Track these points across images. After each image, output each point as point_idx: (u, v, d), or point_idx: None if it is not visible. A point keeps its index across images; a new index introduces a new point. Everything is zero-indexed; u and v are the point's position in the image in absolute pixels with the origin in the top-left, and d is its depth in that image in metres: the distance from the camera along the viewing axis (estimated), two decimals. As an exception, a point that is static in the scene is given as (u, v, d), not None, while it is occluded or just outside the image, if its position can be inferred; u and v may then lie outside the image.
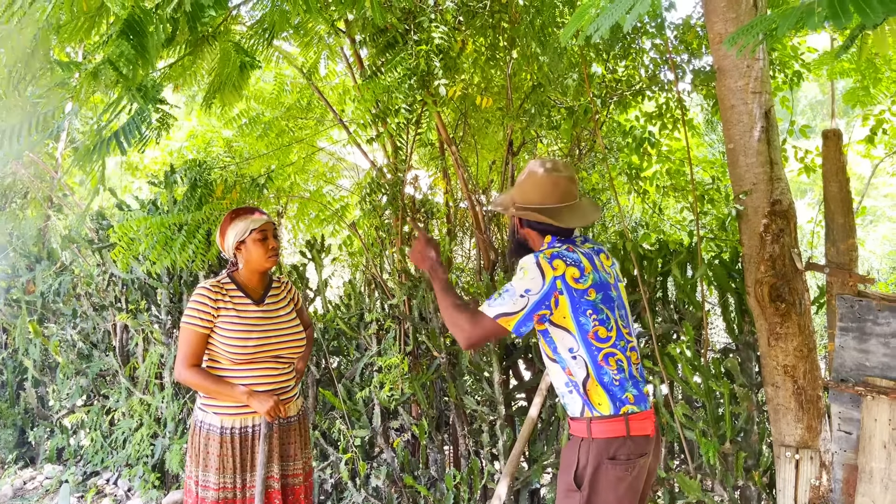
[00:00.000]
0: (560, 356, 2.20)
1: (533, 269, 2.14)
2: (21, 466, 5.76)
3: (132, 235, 3.76)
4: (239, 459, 2.69)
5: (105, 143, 2.55)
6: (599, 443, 2.13)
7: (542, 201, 2.30)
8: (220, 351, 2.71)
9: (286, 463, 2.83)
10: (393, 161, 4.14)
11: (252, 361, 2.71)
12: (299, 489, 2.86)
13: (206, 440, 2.70)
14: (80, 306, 5.68)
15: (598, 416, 2.14)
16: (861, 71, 5.19)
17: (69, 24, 2.55)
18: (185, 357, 2.69)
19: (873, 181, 8.60)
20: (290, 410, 2.85)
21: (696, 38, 4.36)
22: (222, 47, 3.21)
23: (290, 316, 2.89)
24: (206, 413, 2.73)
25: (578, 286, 2.15)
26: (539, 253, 2.20)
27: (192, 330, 2.69)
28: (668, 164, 5.01)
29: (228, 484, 2.68)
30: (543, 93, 4.06)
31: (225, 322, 2.71)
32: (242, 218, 2.79)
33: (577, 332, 2.15)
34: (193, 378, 2.67)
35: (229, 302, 2.75)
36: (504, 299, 2.14)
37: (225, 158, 5.78)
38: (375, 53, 3.82)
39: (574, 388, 2.19)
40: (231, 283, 2.81)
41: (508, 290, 2.15)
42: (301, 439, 2.91)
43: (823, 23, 1.46)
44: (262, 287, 2.89)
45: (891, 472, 2.60)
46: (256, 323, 2.75)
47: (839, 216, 2.83)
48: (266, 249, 2.78)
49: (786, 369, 2.84)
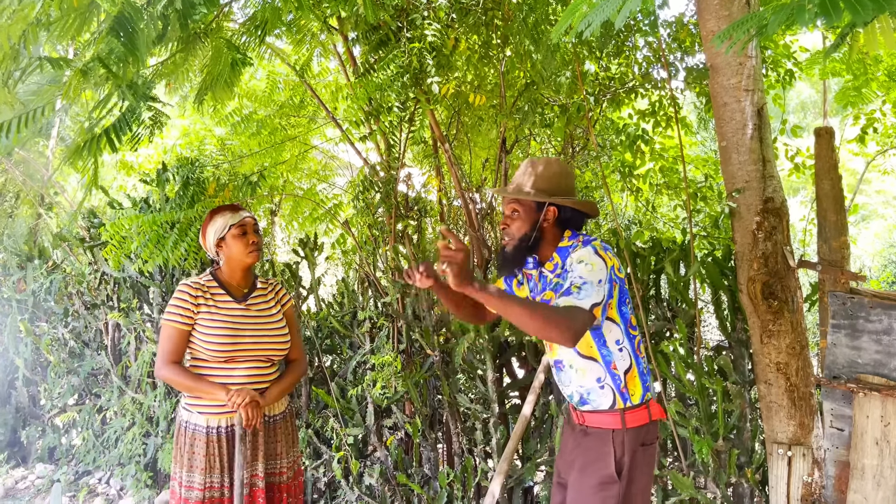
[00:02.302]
0: (608, 350, 2.21)
1: (597, 259, 2.12)
2: (12, 466, 5.73)
3: (124, 233, 3.74)
4: (227, 459, 2.66)
5: (95, 140, 2.53)
6: (632, 431, 2.19)
7: (573, 190, 2.35)
8: (200, 348, 2.69)
9: (272, 461, 2.80)
10: (386, 159, 4.13)
11: (232, 360, 2.69)
12: (285, 487, 2.83)
13: (192, 440, 2.67)
14: (72, 305, 5.64)
15: (630, 406, 2.21)
16: (852, 70, 5.21)
17: (59, 20, 2.53)
18: (165, 354, 2.67)
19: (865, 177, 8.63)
20: (276, 408, 2.82)
21: (689, 36, 4.37)
22: (214, 44, 3.20)
23: (275, 317, 2.85)
24: (190, 413, 2.70)
25: (621, 275, 2.20)
26: (590, 244, 2.17)
27: (172, 327, 2.68)
28: (662, 162, 5.02)
29: (216, 483, 2.65)
30: (537, 90, 4.06)
31: (205, 319, 2.69)
32: (221, 215, 2.79)
33: (621, 321, 2.21)
34: (173, 375, 2.65)
35: (210, 299, 2.73)
36: (586, 291, 2.06)
37: (218, 157, 5.77)
38: (368, 51, 3.81)
39: (612, 381, 2.21)
40: (213, 281, 2.80)
41: (586, 283, 2.06)
42: (288, 438, 2.88)
43: (814, 20, 1.46)
44: (245, 285, 2.86)
45: (883, 469, 2.61)
46: (237, 321, 2.73)
47: (831, 214, 2.84)
48: (246, 244, 2.77)
49: (778, 367, 2.84)
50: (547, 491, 3.60)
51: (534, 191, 2.28)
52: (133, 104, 2.66)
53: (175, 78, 3.46)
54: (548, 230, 2.30)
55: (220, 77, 3.21)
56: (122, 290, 5.14)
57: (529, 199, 2.27)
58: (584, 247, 2.18)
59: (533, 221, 2.28)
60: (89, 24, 2.64)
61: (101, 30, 2.46)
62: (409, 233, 4.12)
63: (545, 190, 2.28)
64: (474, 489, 3.74)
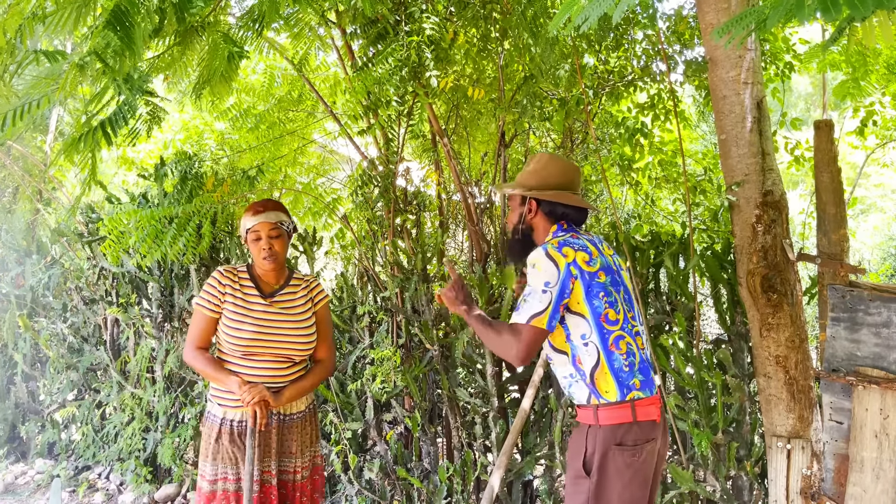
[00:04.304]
0: (573, 343, 2.21)
1: (544, 261, 2.16)
2: (12, 461, 5.73)
3: (122, 228, 3.73)
4: (240, 452, 2.65)
5: (92, 133, 2.52)
6: (606, 429, 2.15)
7: (561, 185, 2.36)
8: (222, 340, 2.70)
9: (286, 459, 2.77)
10: (385, 153, 4.12)
11: (250, 356, 2.66)
12: (299, 486, 2.79)
13: (211, 430, 2.68)
14: (71, 300, 5.64)
15: (604, 402, 2.16)
16: (851, 63, 5.19)
17: (55, 14, 2.52)
18: (193, 338, 2.70)
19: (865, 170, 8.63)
20: (293, 408, 2.79)
21: (688, 29, 4.36)
22: (211, 38, 3.18)
23: (301, 316, 2.79)
24: (212, 403, 2.72)
25: (589, 269, 2.19)
26: (545, 245, 2.21)
27: (200, 312, 2.70)
28: (661, 155, 5.01)
29: (230, 476, 2.64)
30: (535, 84, 4.04)
31: (229, 310, 2.69)
32: (246, 215, 2.74)
33: (590, 315, 2.18)
34: (195, 360, 2.67)
35: (238, 290, 2.72)
36: (529, 302, 2.15)
37: (217, 151, 5.75)
38: (366, 44, 3.79)
39: (581, 377, 2.20)
40: (246, 273, 2.79)
41: (530, 292, 2.16)
42: (305, 437, 2.83)
43: (813, 15, 1.45)
44: (276, 282, 2.82)
45: (882, 462, 2.61)
46: (258, 316, 2.69)
47: (831, 207, 2.83)
48: (259, 250, 2.71)
49: (777, 360, 2.84)
50: (546, 485, 3.61)
51: (518, 186, 2.40)
52: (129, 98, 2.65)
53: (172, 72, 3.45)
54: (538, 223, 2.39)
55: (218, 71, 3.20)
56: (120, 285, 5.14)
57: (513, 192, 2.42)
58: (540, 247, 2.21)
59: (520, 214, 2.39)
60: (85, 17, 2.63)
61: (98, 23, 2.45)
62: (407, 227, 4.12)
63: (529, 184, 2.37)
64: (474, 483, 3.74)
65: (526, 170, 2.41)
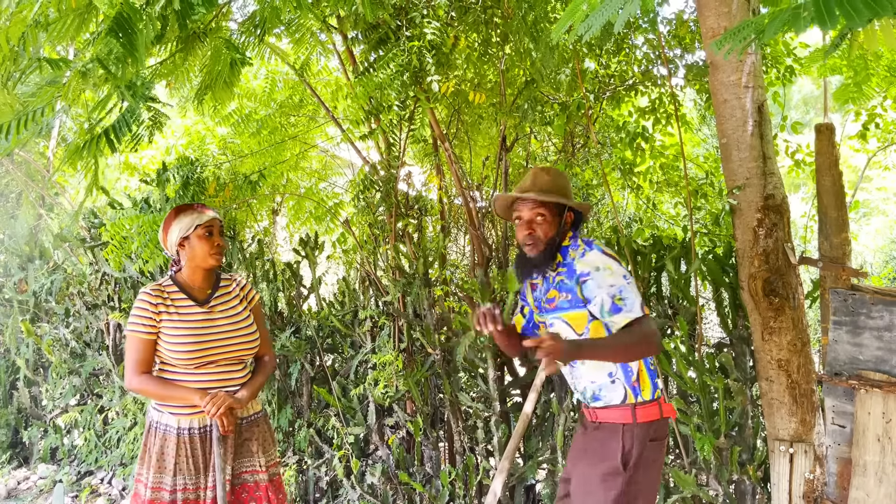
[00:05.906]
0: None
1: (608, 259, 2.26)
2: (15, 466, 5.73)
3: (125, 234, 3.74)
4: (201, 460, 2.60)
5: (95, 140, 2.53)
6: (643, 426, 2.26)
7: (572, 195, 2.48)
8: (167, 355, 2.62)
9: (247, 459, 2.73)
10: (386, 157, 4.13)
11: (202, 365, 2.62)
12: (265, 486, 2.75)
13: (163, 441, 2.61)
14: (73, 305, 5.65)
15: (641, 401, 2.27)
16: (853, 67, 5.18)
17: (57, 22, 2.52)
18: (133, 364, 2.59)
19: (866, 173, 8.62)
20: (249, 410, 2.75)
21: (688, 33, 4.37)
22: (213, 44, 3.19)
23: (241, 315, 2.76)
24: (161, 413, 2.64)
25: None
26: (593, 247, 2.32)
27: (136, 337, 2.60)
28: (662, 159, 5.01)
29: (189, 485, 2.58)
30: (536, 88, 4.05)
31: (168, 327, 2.61)
32: (187, 213, 2.69)
33: None
34: (143, 386, 2.58)
35: (171, 306, 2.65)
36: (629, 297, 2.19)
37: (219, 156, 5.77)
38: (368, 49, 3.80)
39: (625, 377, 2.28)
40: (173, 286, 2.70)
41: (623, 287, 2.20)
42: (264, 437, 2.79)
43: (809, 26, 1.47)
44: (207, 286, 2.76)
45: (885, 465, 2.61)
46: (201, 325, 2.65)
47: (832, 210, 2.83)
48: (211, 246, 2.67)
49: (780, 363, 2.84)
50: (549, 489, 3.60)
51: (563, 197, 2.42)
52: (132, 105, 2.65)
53: (174, 78, 3.46)
54: (564, 232, 2.44)
55: (220, 77, 3.21)
56: (123, 291, 5.15)
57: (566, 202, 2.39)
58: (589, 249, 2.30)
59: (558, 225, 2.40)
60: (87, 24, 2.64)
61: (100, 30, 2.46)
62: (409, 231, 4.12)
63: (564, 196, 2.42)
64: (476, 487, 3.74)
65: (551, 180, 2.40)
